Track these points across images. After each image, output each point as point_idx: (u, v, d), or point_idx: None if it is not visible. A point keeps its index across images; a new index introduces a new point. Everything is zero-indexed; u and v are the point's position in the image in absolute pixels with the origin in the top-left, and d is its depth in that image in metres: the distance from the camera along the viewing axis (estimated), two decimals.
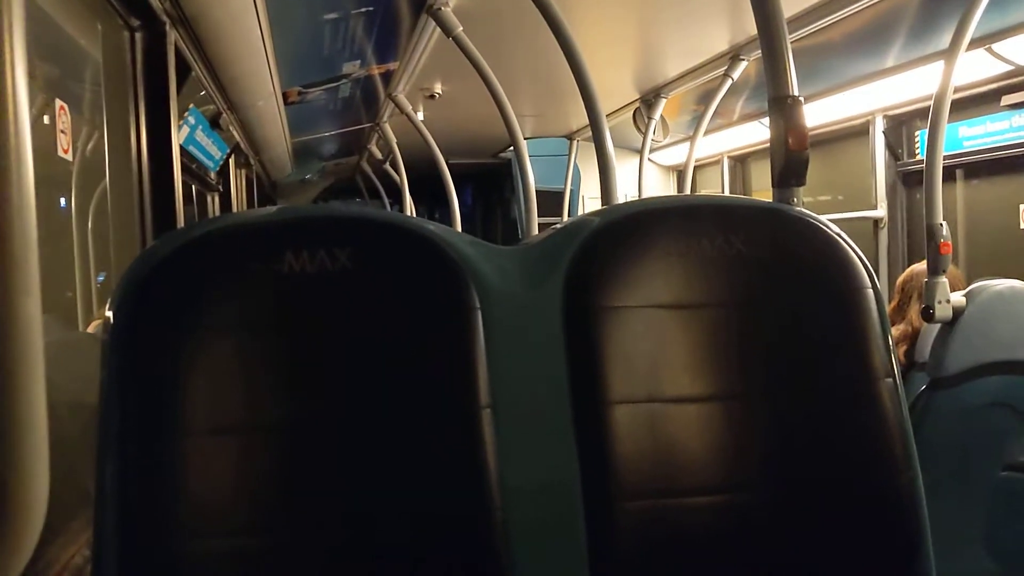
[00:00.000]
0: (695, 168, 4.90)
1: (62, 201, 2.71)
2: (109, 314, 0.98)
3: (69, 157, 2.24)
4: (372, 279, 1.03)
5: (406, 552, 0.99)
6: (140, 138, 2.14)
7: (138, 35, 2.13)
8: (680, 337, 1.08)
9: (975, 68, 3.41)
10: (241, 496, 0.96)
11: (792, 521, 1.07)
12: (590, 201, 6.83)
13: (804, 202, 1.33)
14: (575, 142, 6.23)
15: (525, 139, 3.40)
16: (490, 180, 9.67)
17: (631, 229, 1.13)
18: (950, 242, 2.47)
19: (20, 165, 0.79)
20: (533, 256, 1.14)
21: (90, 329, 2.48)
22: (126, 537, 0.93)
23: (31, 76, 0.83)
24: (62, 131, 2.05)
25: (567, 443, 1.05)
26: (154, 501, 0.94)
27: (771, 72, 1.37)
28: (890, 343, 1.12)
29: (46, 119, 2.07)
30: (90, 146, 2.50)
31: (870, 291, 1.13)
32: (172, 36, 2.22)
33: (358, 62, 3.95)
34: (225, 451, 0.96)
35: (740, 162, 6.08)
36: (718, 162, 6.08)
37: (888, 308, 2.92)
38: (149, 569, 0.94)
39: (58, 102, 2.06)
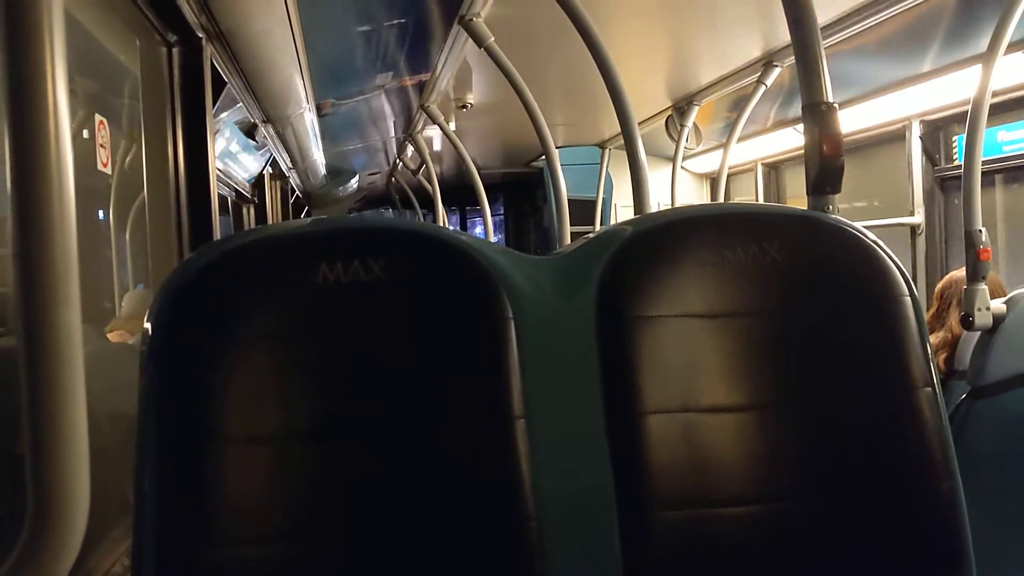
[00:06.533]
0: (728, 175, 4.86)
1: (101, 213, 2.76)
2: (148, 325, 0.99)
3: (108, 171, 2.28)
4: (406, 289, 1.04)
5: (440, 561, 0.99)
6: (177, 151, 2.17)
7: (175, 51, 2.17)
8: (714, 346, 1.08)
9: (1014, 72, 3.36)
10: (277, 504, 0.97)
11: (829, 532, 1.05)
12: (623, 209, 6.82)
13: (840, 208, 1.32)
14: (607, 150, 6.21)
15: (557, 148, 3.41)
16: (522, 189, 9.68)
17: (664, 238, 1.12)
18: (990, 248, 2.43)
19: (61, 180, 0.81)
20: (565, 266, 1.14)
21: (109, 336, 2.51)
22: (165, 545, 0.94)
23: (71, 92, 0.84)
24: (101, 146, 2.09)
25: (601, 453, 1.04)
26: (192, 509, 0.95)
27: (805, 79, 1.36)
28: (929, 352, 1.11)
29: (85, 133, 2.11)
30: (128, 159, 2.54)
31: (907, 299, 1.11)
32: (208, 51, 2.26)
33: (391, 73, 3.98)
34: (262, 459, 0.97)
35: (774, 169, 6.02)
36: (752, 169, 6.04)
37: (927, 315, 2.88)
38: None
39: (97, 117, 2.09)
